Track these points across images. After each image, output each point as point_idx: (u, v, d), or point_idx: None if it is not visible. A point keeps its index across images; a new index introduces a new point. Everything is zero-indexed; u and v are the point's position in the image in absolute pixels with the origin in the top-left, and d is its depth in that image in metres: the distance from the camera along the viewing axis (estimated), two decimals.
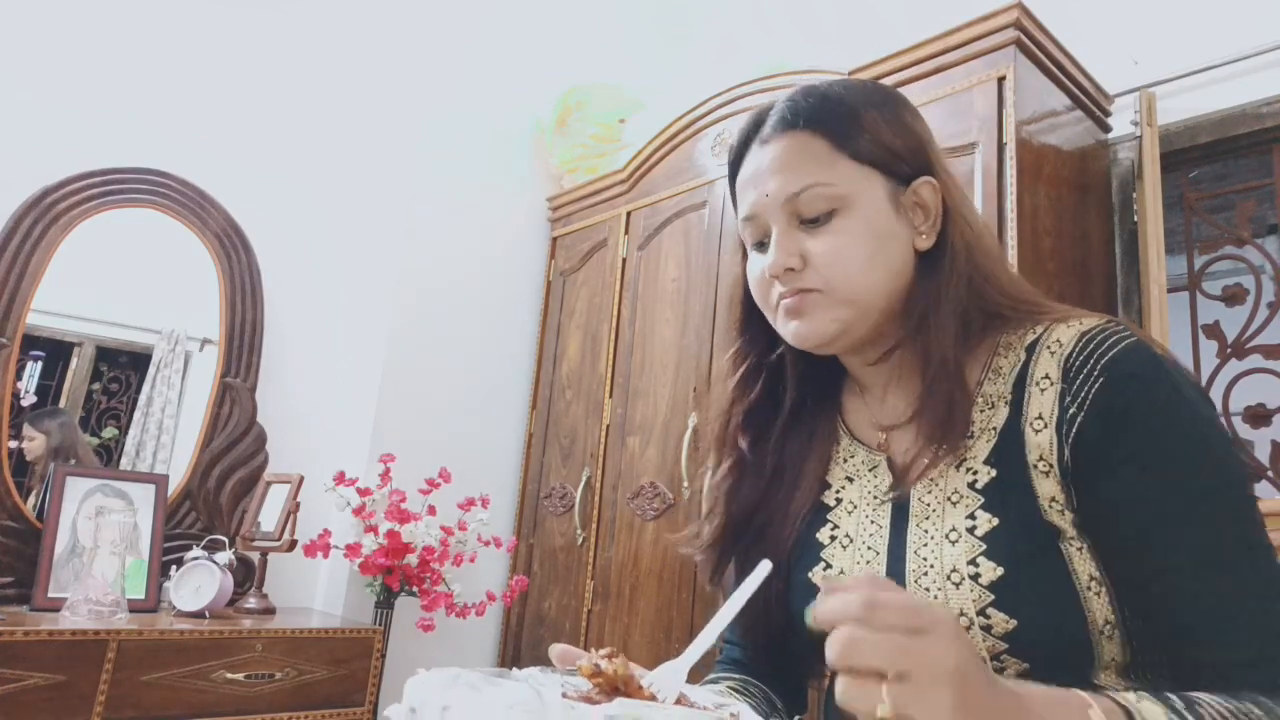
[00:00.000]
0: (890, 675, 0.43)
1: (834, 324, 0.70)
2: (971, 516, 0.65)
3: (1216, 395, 1.82)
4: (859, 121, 0.70)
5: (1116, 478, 0.61)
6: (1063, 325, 0.67)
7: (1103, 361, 0.63)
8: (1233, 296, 1.83)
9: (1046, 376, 0.65)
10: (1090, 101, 1.86)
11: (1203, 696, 0.53)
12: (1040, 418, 0.65)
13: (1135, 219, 1.86)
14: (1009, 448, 0.66)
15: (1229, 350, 1.81)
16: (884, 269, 0.69)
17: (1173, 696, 0.53)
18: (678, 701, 0.53)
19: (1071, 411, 0.63)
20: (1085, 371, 0.63)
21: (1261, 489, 1.79)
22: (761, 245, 0.73)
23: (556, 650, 0.60)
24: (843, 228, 0.69)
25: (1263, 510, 0.61)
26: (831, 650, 0.45)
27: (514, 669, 0.54)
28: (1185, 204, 1.92)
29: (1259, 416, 1.77)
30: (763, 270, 0.72)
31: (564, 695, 0.49)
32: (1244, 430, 1.79)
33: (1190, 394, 0.62)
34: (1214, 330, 1.83)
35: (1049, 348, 0.66)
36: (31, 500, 1.95)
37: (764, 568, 0.61)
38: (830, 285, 0.69)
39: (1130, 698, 0.52)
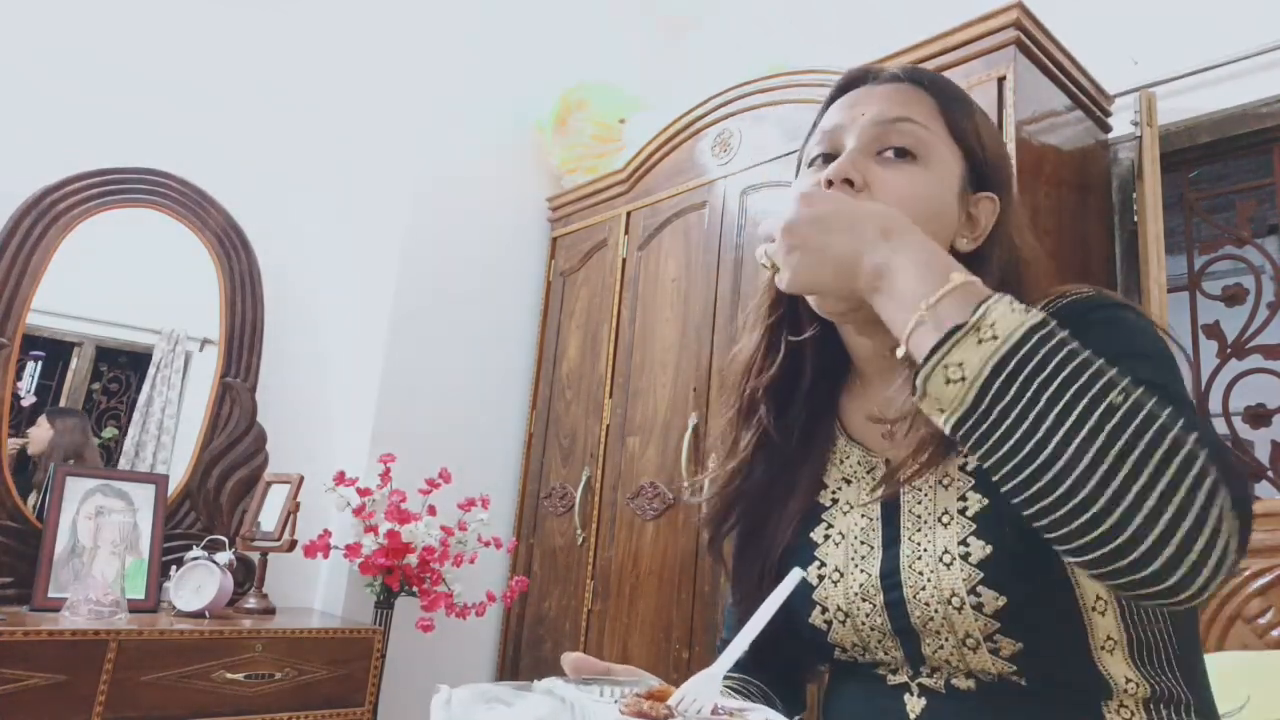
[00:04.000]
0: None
1: None
2: (963, 498, 0.65)
3: (1216, 395, 1.82)
4: (969, 107, 0.75)
5: None
6: (1042, 301, 0.68)
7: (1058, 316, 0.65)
8: (1233, 296, 1.83)
9: None
10: (1090, 101, 1.86)
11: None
12: None
13: (1135, 219, 1.86)
14: None
15: (1229, 350, 1.81)
16: (930, 232, 0.69)
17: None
18: (713, 711, 0.53)
19: None
20: None
21: (1261, 489, 1.79)
22: (823, 159, 0.74)
23: (570, 659, 0.59)
24: (915, 173, 0.70)
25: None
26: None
27: (533, 680, 0.54)
28: (1185, 204, 1.92)
29: (1259, 416, 1.77)
30: (817, 179, 0.71)
31: (621, 711, 0.49)
32: (1244, 430, 1.79)
33: (1132, 319, 0.64)
34: (1214, 330, 1.83)
35: None
36: (31, 500, 1.95)
37: (795, 575, 0.61)
38: None
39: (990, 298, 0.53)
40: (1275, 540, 0.96)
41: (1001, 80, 1.63)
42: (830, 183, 0.69)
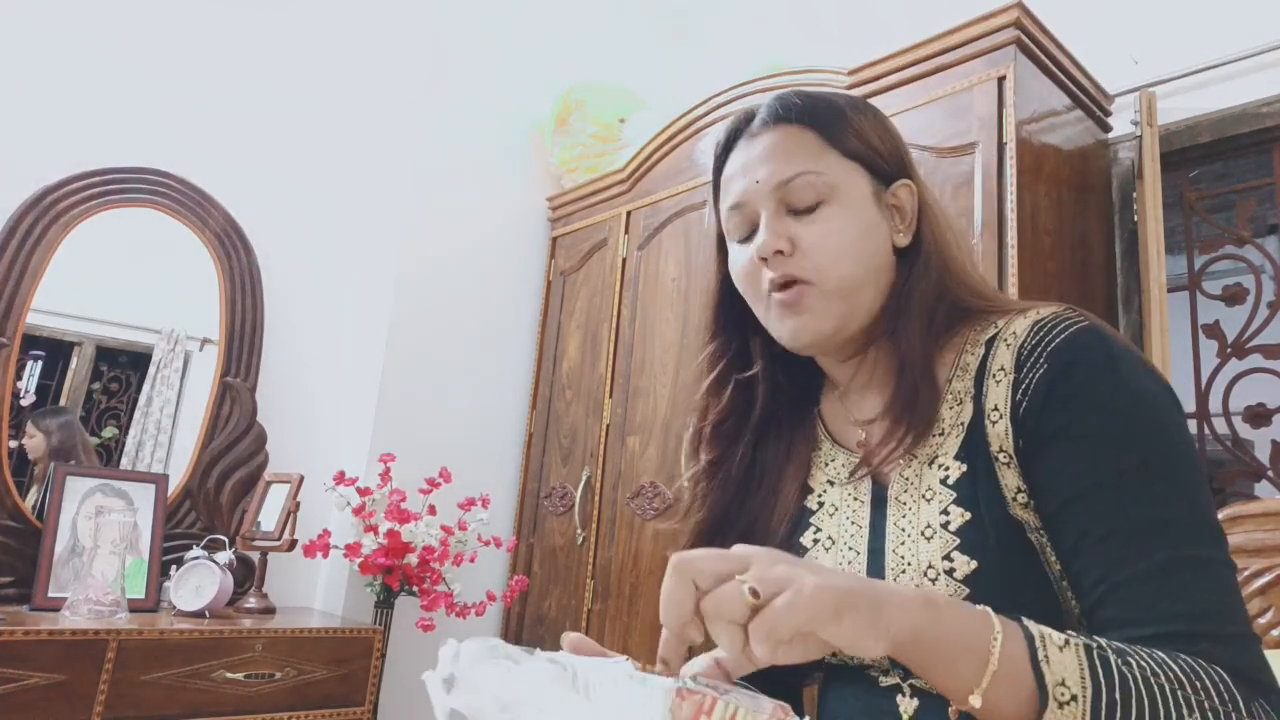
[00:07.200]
0: (751, 608, 0.47)
1: (830, 320, 0.71)
2: (945, 512, 0.67)
3: (1216, 395, 1.82)
4: (846, 120, 0.75)
5: (1044, 456, 0.63)
6: (1020, 317, 0.69)
7: (1050, 348, 0.64)
8: (1233, 296, 1.83)
9: (1002, 368, 0.67)
10: (1090, 101, 1.86)
11: (1139, 650, 0.54)
12: (996, 409, 0.67)
13: (1135, 219, 1.86)
14: (976, 442, 0.67)
15: (1229, 350, 1.81)
16: (868, 261, 0.72)
17: (1103, 643, 0.54)
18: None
19: (1018, 399, 0.65)
20: (1033, 360, 0.65)
21: (1261, 489, 1.79)
22: (748, 238, 0.75)
23: (570, 639, 0.59)
24: (830, 216, 0.72)
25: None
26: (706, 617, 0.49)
27: (537, 650, 0.54)
28: (1185, 204, 1.92)
29: (1259, 416, 1.77)
30: (750, 256, 0.74)
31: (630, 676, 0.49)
32: (1244, 430, 1.79)
33: (1131, 374, 0.62)
34: (1214, 330, 1.83)
35: (1005, 340, 0.68)
36: (31, 498, 1.95)
37: None
38: (820, 274, 0.71)
39: (1044, 631, 0.54)
40: (1275, 540, 0.96)
41: (1001, 80, 1.63)
42: (764, 259, 0.72)
